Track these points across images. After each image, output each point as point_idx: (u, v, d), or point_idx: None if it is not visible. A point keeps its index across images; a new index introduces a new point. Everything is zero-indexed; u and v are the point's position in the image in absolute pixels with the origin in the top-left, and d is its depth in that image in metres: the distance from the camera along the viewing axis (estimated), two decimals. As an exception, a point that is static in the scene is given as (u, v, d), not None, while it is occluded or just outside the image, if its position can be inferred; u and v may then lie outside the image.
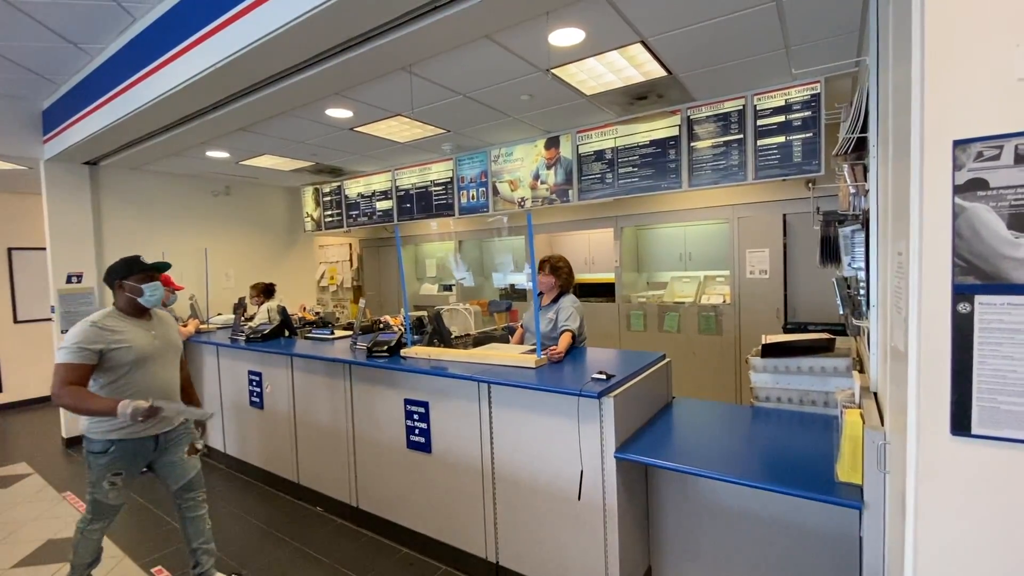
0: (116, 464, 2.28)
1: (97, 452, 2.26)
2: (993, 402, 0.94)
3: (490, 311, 5.00)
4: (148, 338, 2.33)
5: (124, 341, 2.23)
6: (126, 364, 2.22)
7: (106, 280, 2.33)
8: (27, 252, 6.42)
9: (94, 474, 2.28)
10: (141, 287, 2.30)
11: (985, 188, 0.93)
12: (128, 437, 2.29)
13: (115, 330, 2.23)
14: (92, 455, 2.26)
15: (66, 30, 3.31)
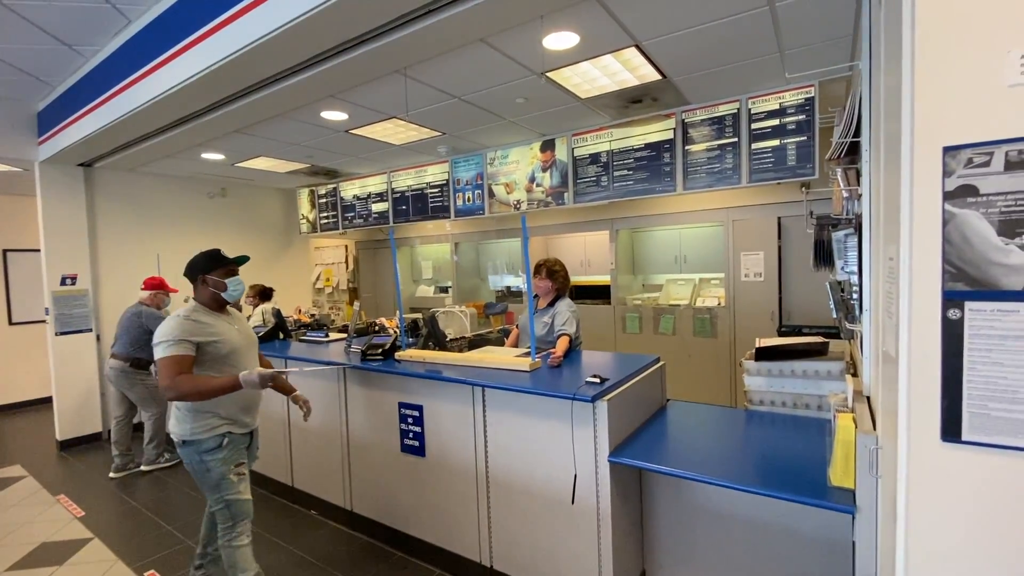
0: (234, 455, 2.24)
1: (212, 448, 2.18)
2: (983, 408, 0.95)
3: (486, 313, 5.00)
4: (234, 332, 2.30)
5: (217, 335, 2.20)
6: (220, 358, 2.20)
7: (188, 274, 2.29)
8: (22, 254, 6.39)
9: (216, 474, 2.19)
10: (224, 281, 2.27)
11: (975, 195, 0.94)
12: (237, 431, 2.27)
13: (207, 323, 2.21)
14: (207, 454, 2.18)
15: (61, 32, 3.30)
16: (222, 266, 2.28)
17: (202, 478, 2.21)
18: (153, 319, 4.16)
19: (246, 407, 2.33)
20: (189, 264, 2.28)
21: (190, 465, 2.21)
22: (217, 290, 2.26)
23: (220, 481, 2.20)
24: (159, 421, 4.24)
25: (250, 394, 2.31)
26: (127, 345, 4.09)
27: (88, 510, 3.55)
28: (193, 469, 2.21)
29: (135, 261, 5.39)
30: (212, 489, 2.21)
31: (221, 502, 2.22)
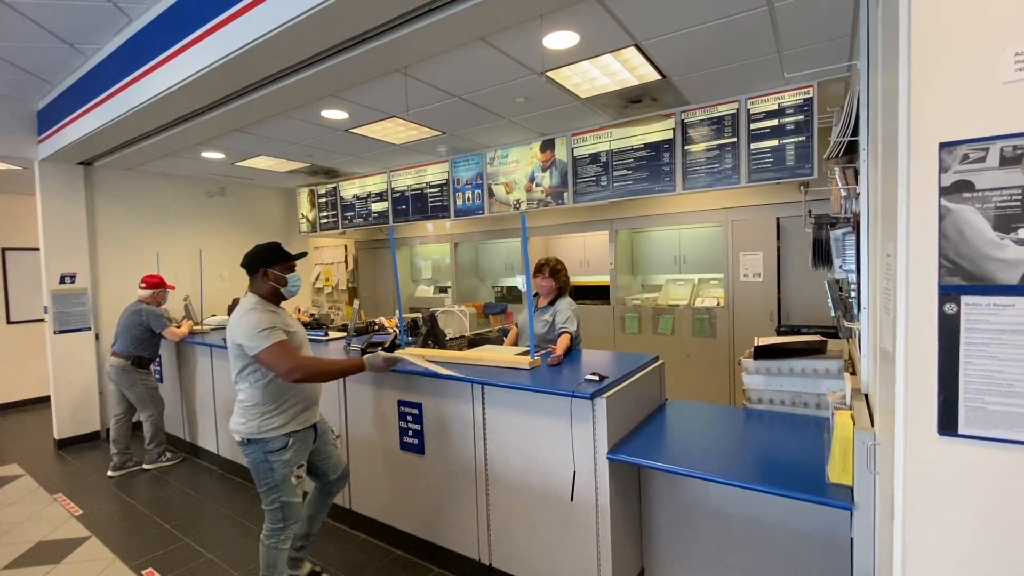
0: (298, 456, 2.25)
1: (278, 449, 2.18)
2: (980, 402, 0.95)
3: (485, 313, 5.00)
4: (299, 326, 2.34)
5: (289, 327, 2.22)
6: (295, 349, 2.20)
7: (248, 265, 2.26)
8: (20, 253, 6.39)
9: (278, 474, 2.19)
10: (286, 276, 2.28)
11: (971, 190, 0.94)
12: (301, 427, 2.26)
13: (279, 315, 2.22)
14: (273, 454, 2.17)
15: (62, 30, 3.31)
16: (284, 261, 2.28)
17: (264, 477, 2.20)
18: (154, 317, 4.16)
19: (310, 404, 2.33)
20: (250, 256, 2.26)
21: (253, 463, 2.20)
22: (278, 284, 2.26)
23: (281, 482, 2.20)
24: (157, 421, 4.24)
25: (314, 391, 2.34)
26: (128, 344, 4.09)
27: (86, 508, 3.55)
28: (255, 468, 2.20)
29: (134, 260, 5.39)
30: (271, 489, 2.20)
31: (277, 503, 2.21)
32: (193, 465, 4.35)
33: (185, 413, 4.61)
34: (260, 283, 2.25)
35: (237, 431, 2.20)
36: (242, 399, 2.20)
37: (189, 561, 2.85)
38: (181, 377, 4.63)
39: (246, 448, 2.19)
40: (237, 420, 2.21)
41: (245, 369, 2.18)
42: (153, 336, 4.20)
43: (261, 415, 2.17)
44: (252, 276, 2.27)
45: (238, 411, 2.22)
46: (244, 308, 2.19)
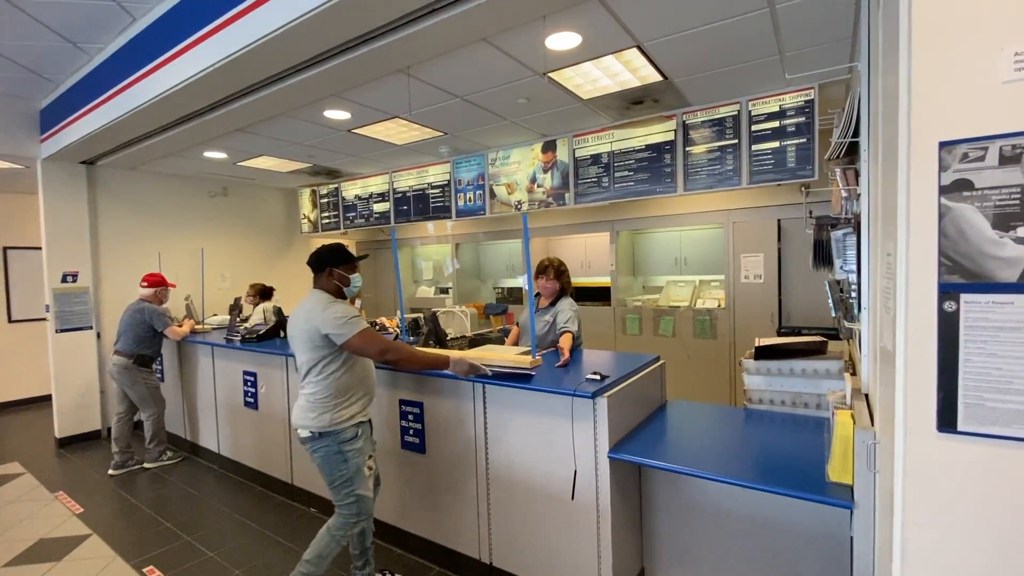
0: (367, 446, 2.29)
1: (351, 439, 2.22)
2: (978, 399, 0.96)
3: (486, 314, 5.01)
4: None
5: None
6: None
7: (315, 264, 2.32)
8: (22, 251, 6.40)
9: (352, 465, 2.22)
10: (350, 277, 2.35)
11: (970, 189, 0.95)
12: (365, 419, 2.32)
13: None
14: (346, 444, 2.21)
15: (66, 29, 3.32)
16: (348, 262, 2.35)
17: (337, 470, 2.20)
18: (157, 316, 4.17)
19: (371, 396, 2.39)
20: (317, 255, 2.32)
21: (326, 457, 2.20)
22: (341, 284, 2.33)
23: (355, 474, 2.22)
24: (158, 420, 4.25)
25: (373, 384, 2.40)
26: (130, 342, 4.10)
27: (87, 507, 3.56)
28: (328, 462, 2.20)
29: (136, 259, 5.40)
30: (346, 483, 2.21)
31: (352, 496, 2.22)
32: (194, 464, 4.36)
33: (186, 412, 4.62)
34: (326, 281, 2.32)
35: (307, 426, 2.20)
36: (312, 392, 2.21)
37: (190, 559, 2.86)
38: (182, 376, 4.64)
39: (317, 443, 2.20)
40: (307, 415, 2.21)
41: (321, 362, 2.20)
42: (155, 335, 4.21)
43: (334, 407, 2.20)
44: (318, 274, 2.33)
45: (306, 407, 2.22)
46: (321, 302, 2.22)
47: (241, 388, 3.90)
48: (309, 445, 2.23)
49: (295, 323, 2.27)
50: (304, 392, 2.25)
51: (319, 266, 2.32)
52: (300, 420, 2.23)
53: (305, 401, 2.24)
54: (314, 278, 2.35)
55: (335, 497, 2.25)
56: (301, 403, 2.26)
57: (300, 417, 2.24)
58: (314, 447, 2.22)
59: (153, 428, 4.22)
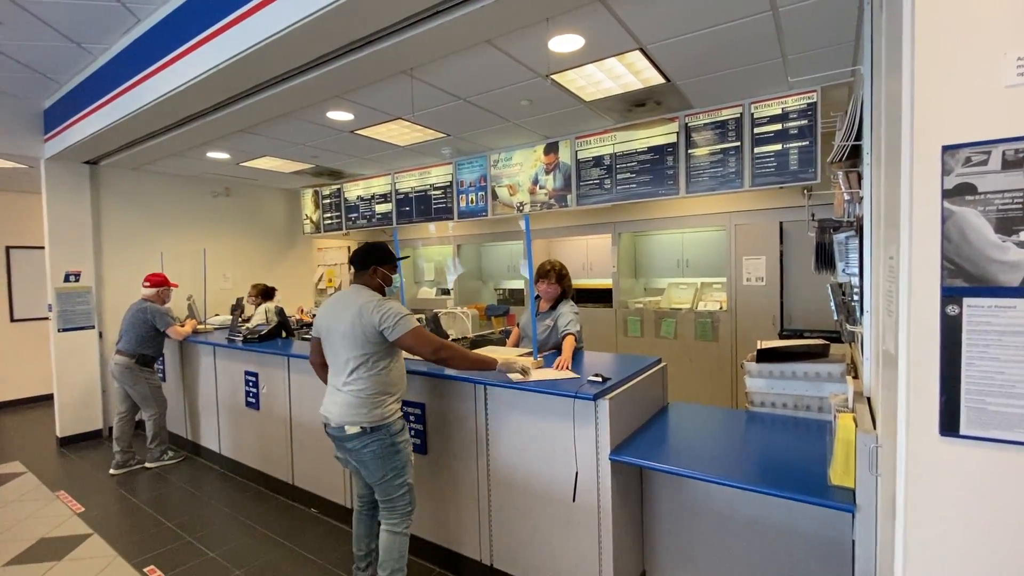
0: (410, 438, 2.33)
1: (400, 430, 2.25)
2: (981, 403, 0.96)
3: (487, 315, 5.01)
4: None
5: None
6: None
7: (361, 261, 2.32)
8: (24, 251, 6.42)
9: (404, 456, 2.24)
10: (391, 276, 2.38)
11: (973, 192, 0.95)
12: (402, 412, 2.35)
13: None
14: (397, 435, 2.23)
15: (70, 30, 3.34)
16: (391, 262, 2.38)
17: (391, 462, 2.21)
18: (159, 315, 4.18)
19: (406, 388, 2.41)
20: (365, 251, 2.32)
21: (379, 452, 2.18)
22: (384, 283, 2.36)
23: (406, 463, 2.26)
24: (160, 420, 4.25)
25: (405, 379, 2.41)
26: (132, 342, 4.11)
27: (88, 506, 3.56)
28: (382, 455, 2.19)
29: (138, 259, 5.41)
30: (398, 473, 2.23)
31: (405, 486, 2.26)
32: (195, 464, 4.36)
33: (188, 412, 4.63)
34: (370, 278, 2.33)
35: (358, 422, 2.16)
36: (360, 388, 2.18)
37: (190, 559, 2.86)
38: (184, 376, 4.65)
39: (367, 438, 2.17)
40: (356, 411, 2.16)
41: (372, 357, 2.18)
42: (157, 334, 4.22)
43: (383, 402, 2.21)
44: (361, 271, 2.32)
45: (355, 403, 2.17)
46: (373, 298, 2.21)
47: (242, 388, 3.91)
48: (357, 442, 2.18)
49: (338, 318, 2.22)
50: (348, 388, 2.19)
51: (365, 263, 2.32)
52: (347, 417, 2.17)
53: (353, 397, 2.18)
54: (355, 274, 2.34)
55: (387, 492, 2.24)
56: (345, 399, 2.19)
57: (346, 414, 2.17)
58: (364, 443, 2.18)
59: (155, 428, 4.22)
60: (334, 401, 2.23)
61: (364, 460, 2.21)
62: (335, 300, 2.33)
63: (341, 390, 2.21)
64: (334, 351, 2.25)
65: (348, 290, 2.32)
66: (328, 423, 2.24)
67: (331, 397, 2.26)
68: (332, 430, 2.24)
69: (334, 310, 2.28)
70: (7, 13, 3.05)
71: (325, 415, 2.26)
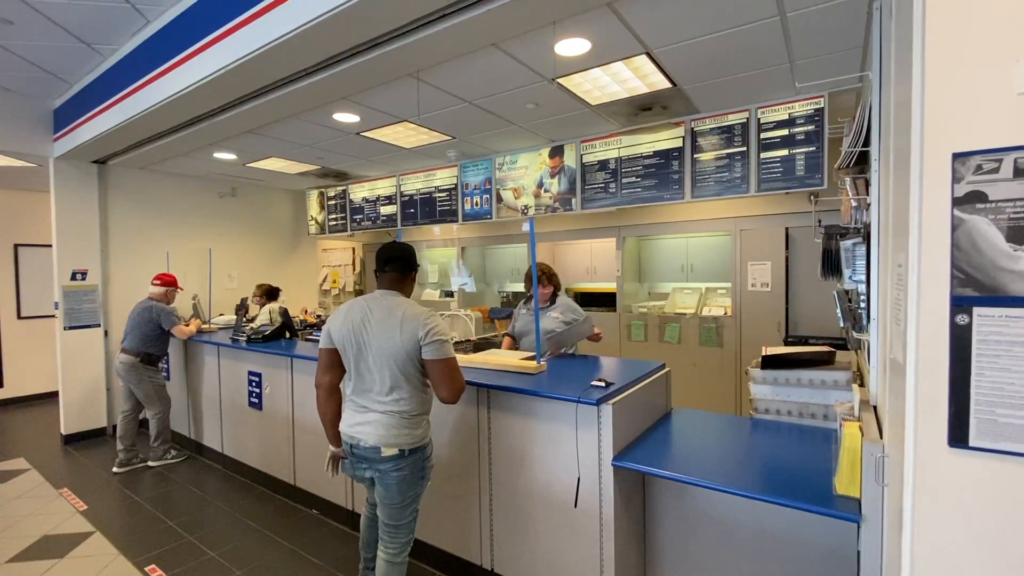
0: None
1: (430, 454, 2.12)
2: (991, 414, 0.94)
3: (491, 318, 5.01)
4: None
5: None
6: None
7: (406, 264, 2.14)
8: (32, 249, 6.47)
9: (424, 483, 2.11)
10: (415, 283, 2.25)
11: (984, 201, 0.94)
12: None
13: None
14: (427, 460, 2.10)
15: (81, 31, 3.36)
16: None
17: (412, 489, 2.06)
18: (165, 314, 4.20)
19: None
20: (409, 255, 2.16)
21: (408, 476, 2.02)
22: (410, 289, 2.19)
23: (423, 490, 2.13)
24: (164, 419, 4.27)
25: None
26: (137, 341, 4.13)
27: (90, 504, 3.57)
28: (409, 479, 2.03)
29: (144, 258, 5.44)
30: (415, 500, 2.10)
31: (413, 514, 2.12)
32: (198, 463, 4.37)
33: (191, 411, 4.64)
34: (408, 284, 2.15)
35: (398, 444, 1.99)
36: (404, 409, 2.00)
37: (191, 559, 2.86)
38: (188, 375, 4.66)
39: (403, 461, 2.00)
40: (398, 432, 1.99)
41: (417, 373, 2.01)
42: (163, 333, 4.23)
43: (421, 422, 2.07)
44: (403, 275, 2.13)
45: (397, 423, 2.00)
46: (419, 310, 2.02)
47: (246, 388, 3.91)
48: (392, 464, 1.99)
49: (376, 329, 2.00)
50: (389, 409, 2.00)
51: (408, 267, 2.14)
52: (388, 438, 1.98)
53: (395, 418, 1.99)
54: (391, 278, 2.11)
55: (396, 516, 2.07)
56: (384, 420, 1.99)
57: (386, 435, 1.98)
58: (399, 465, 2.00)
59: (158, 427, 4.23)
60: (368, 420, 2.01)
61: (389, 483, 2.02)
62: (363, 309, 2.06)
63: (378, 410, 2.01)
64: (366, 366, 2.02)
65: (378, 297, 2.08)
66: (358, 444, 2.02)
67: (362, 416, 2.04)
68: (363, 451, 2.02)
69: (365, 320, 2.03)
70: (18, 13, 3.08)
71: (352, 435, 2.04)
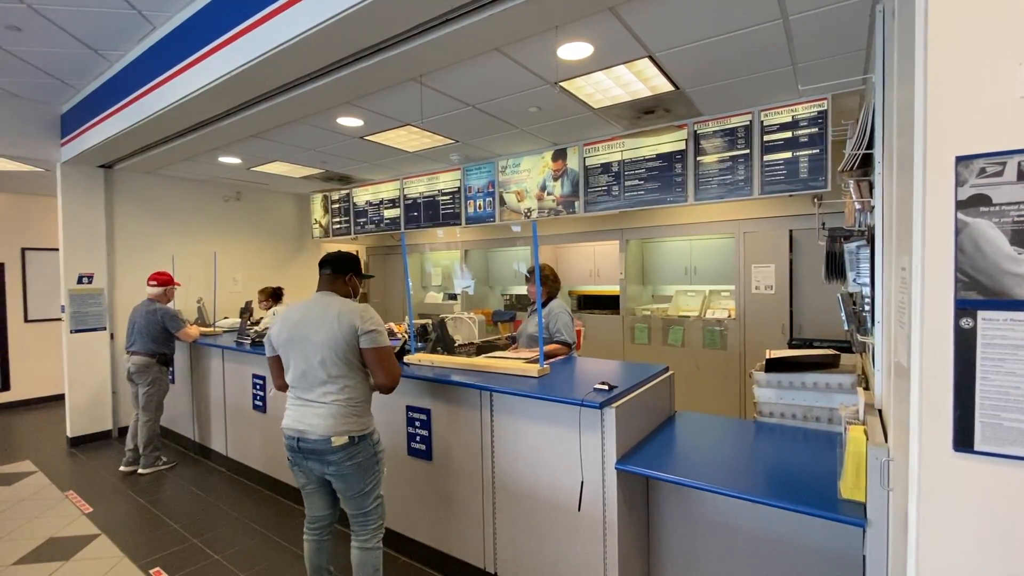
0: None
1: (378, 440, 2.22)
2: (996, 418, 0.94)
3: (494, 320, 5.01)
4: None
5: None
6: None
7: (339, 265, 2.27)
8: (40, 252, 6.52)
9: (382, 465, 2.22)
10: (359, 289, 2.37)
11: (988, 204, 0.94)
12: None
13: None
14: (377, 445, 2.21)
15: (88, 36, 3.40)
16: (361, 276, 2.38)
17: (371, 474, 2.16)
18: (170, 318, 4.22)
19: None
20: (344, 258, 2.30)
21: (363, 463, 2.12)
22: (353, 293, 2.32)
23: (382, 475, 2.22)
24: (154, 426, 4.24)
25: None
26: (148, 342, 4.15)
27: (96, 507, 3.59)
28: (364, 466, 2.13)
29: (150, 262, 5.47)
30: (376, 485, 2.19)
31: (378, 499, 2.21)
32: (202, 466, 4.38)
33: (196, 414, 4.65)
34: (342, 285, 2.28)
35: (347, 431, 2.08)
36: (347, 397, 2.10)
37: (196, 561, 2.87)
38: (193, 378, 4.68)
39: (354, 449, 2.10)
40: (344, 421, 2.09)
41: (355, 364, 2.13)
42: (169, 335, 4.26)
43: (365, 410, 2.19)
44: (337, 276, 2.27)
45: (342, 412, 2.09)
46: (351, 303, 2.18)
47: (250, 391, 3.93)
48: (343, 453, 2.07)
49: (312, 326, 2.11)
50: (332, 399, 2.09)
51: (343, 269, 2.28)
52: (335, 427, 2.07)
53: (339, 407, 2.09)
54: (327, 279, 2.26)
55: (361, 505, 2.16)
56: (328, 410, 2.08)
57: (332, 425, 2.07)
58: (351, 453, 2.09)
59: (148, 433, 4.20)
60: (314, 413, 2.09)
61: (345, 473, 2.10)
62: (301, 309, 2.20)
63: (321, 401, 2.10)
64: (307, 361, 2.10)
65: (315, 298, 2.22)
66: (304, 437, 2.09)
67: (306, 410, 2.12)
68: (312, 443, 2.08)
69: (305, 318, 2.15)
70: (27, 20, 3.11)
71: (297, 428, 2.11)
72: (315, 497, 2.26)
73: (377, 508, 2.21)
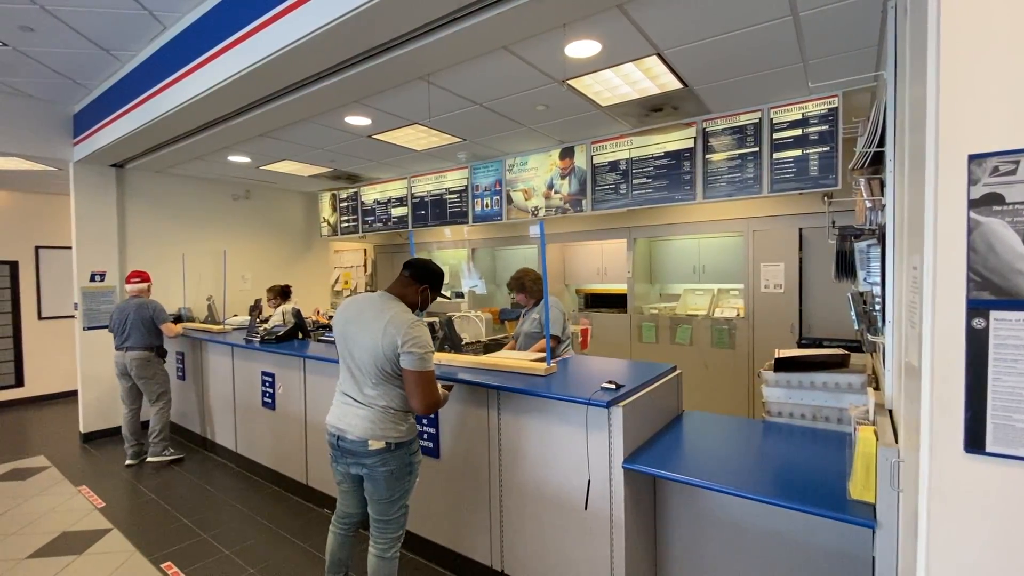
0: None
1: (417, 450, 2.15)
2: (1008, 420, 0.93)
3: (501, 319, 5.01)
4: None
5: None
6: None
7: (419, 273, 2.18)
8: (53, 251, 6.61)
9: (413, 479, 2.14)
10: (428, 304, 2.26)
11: (1001, 203, 0.93)
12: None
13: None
14: (414, 455, 2.13)
15: (100, 37, 3.43)
16: (438, 292, 2.28)
17: (401, 484, 2.09)
18: (159, 312, 4.32)
19: None
20: (429, 269, 2.21)
21: (396, 470, 2.06)
22: (420, 305, 2.21)
23: (413, 485, 2.15)
24: (166, 415, 4.36)
25: None
26: (143, 337, 4.23)
27: (108, 501, 3.64)
28: (397, 474, 2.07)
29: (161, 260, 5.54)
30: (404, 495, 2.12)
31: (403, 509, 2.15)
32: (211, 461, 4.43)
33: (204, 410, 4.70)
34: (413, 293, 2.17)
35: (383, 437, 2.02)
36: (387, 404, 2.04)
37: (206, 556, 2.90)
38: (202, 375, 4.73)
39: (389, 455, 2.03)
40: (384, 426, 2.03)
41: (394, 378, 2.03)
42: (157, 329, 4.32)
43: (409, 419, 2.11)
44: (411, 281, 2.18)
45: (380, 417, 2.03)
46: (407, 315, 2.05)
47: (259, 388, 3.96)
48: (378, 458, 2.02)
49: (364, 326, 2.04)
50: (374, 403, 2.04)
51: (423, 278, 2.18)
52: (373, 431, 2.01)
53: (380, 412, 2.03)
54: (402, 280, 2.18)
55: (387, 512, 2.10)
56: (369, 413, 2.03)
57: (371, 429, 2.02)
58: (385, 459, 2.03)
59: (161, 422, 4.32)
60: (355, 414, 2.06)
61: (377, 478, 2.05)
62: (361, 304, 2.13)
63: (363, 403, 2.05)
64: (353, 360, 2.07)
65: (377, 296, 2.13)
66: (343, 435, 2.06)
67: (348, 408, 2.09)
68: (350, 443, 2.05)
69: (360, 315, 2.08)
70: (39, 21, 3.15)
71: (338, 427, 2.09)
72: (349, 495, 2.24)
73: (400, 518, 2.14)
